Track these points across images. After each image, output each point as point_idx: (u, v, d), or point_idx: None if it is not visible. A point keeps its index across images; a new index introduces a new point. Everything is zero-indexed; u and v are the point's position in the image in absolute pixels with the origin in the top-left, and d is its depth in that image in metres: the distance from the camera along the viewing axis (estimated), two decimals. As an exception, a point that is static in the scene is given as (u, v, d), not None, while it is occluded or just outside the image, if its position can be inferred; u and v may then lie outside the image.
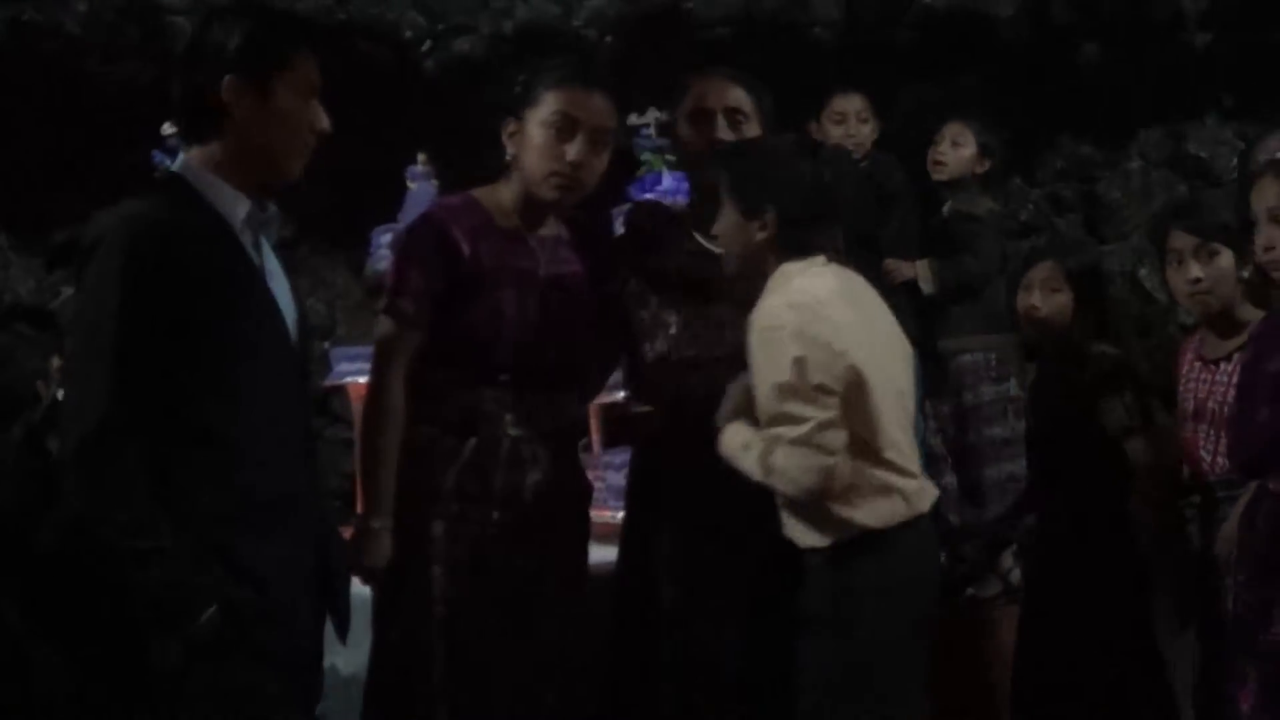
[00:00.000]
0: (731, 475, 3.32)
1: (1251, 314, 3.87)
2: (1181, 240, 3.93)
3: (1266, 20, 6.76)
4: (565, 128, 3.43)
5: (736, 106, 3.63)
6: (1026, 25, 6.88)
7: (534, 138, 3.44)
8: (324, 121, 2.94)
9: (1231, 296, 3.89)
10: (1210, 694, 3.87)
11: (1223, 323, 3.92)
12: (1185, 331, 5.04)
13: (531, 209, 3.52)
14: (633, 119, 4.55)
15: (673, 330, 3.60)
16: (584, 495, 3.65)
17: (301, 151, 2.93)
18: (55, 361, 5.65)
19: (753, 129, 3.63)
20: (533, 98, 3.46)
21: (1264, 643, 3.42)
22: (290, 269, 3.06)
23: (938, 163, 5.79)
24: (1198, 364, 4.00)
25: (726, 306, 3.52)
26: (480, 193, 3.55)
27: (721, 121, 3.60)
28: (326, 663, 3.61)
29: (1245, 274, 3.89)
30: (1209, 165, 6.85)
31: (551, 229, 3.57)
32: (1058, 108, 6.32)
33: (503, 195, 3.53)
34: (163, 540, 2.71)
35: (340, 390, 5.00)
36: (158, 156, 4.82)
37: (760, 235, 3.35)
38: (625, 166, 4.55)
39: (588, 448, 4.38)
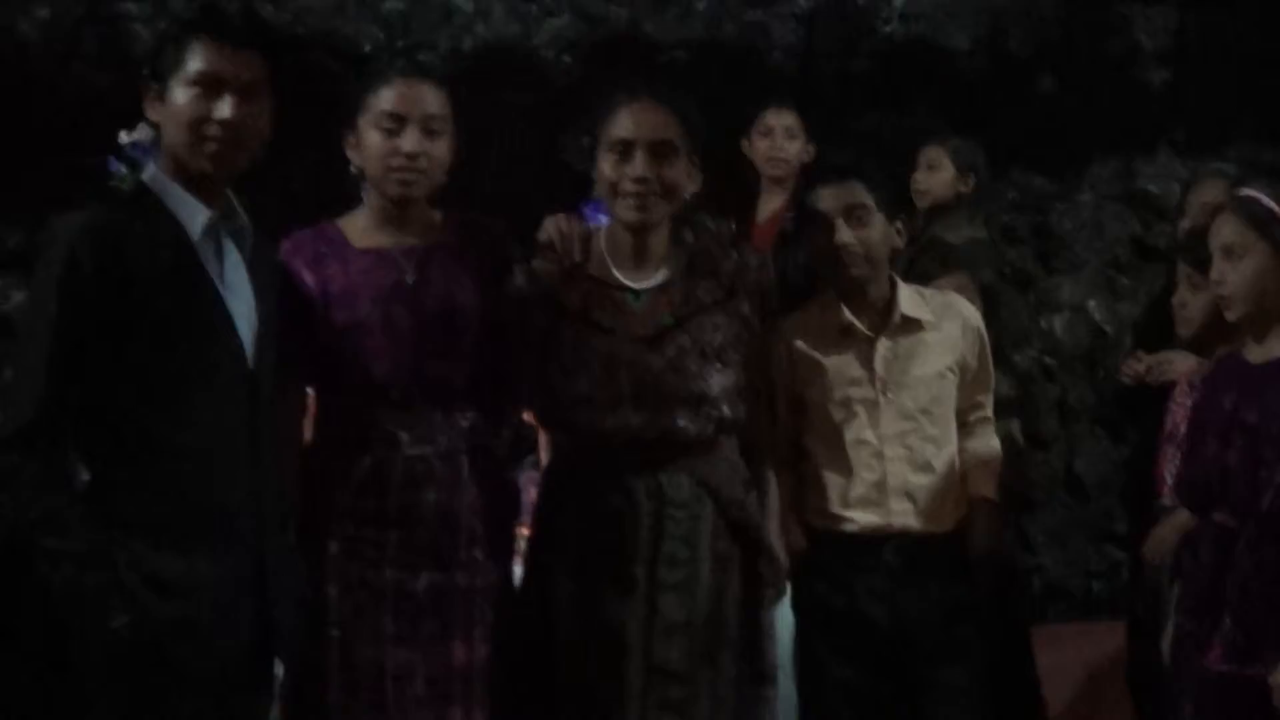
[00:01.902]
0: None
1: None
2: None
3: (1222, 57, 6.84)
4: (394, 125, 3.41)
5: (664, 139, 3.51)
6: (983, 57, 6.94)
7: (368, 141, 3.44)
8: (224, 110, 2.90)
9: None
10: None
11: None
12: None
13: (390, 218, 3.49)
14: (588, 141, 4.54)
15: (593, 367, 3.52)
16: (505, 513, 3.61)
17: (201, 144, 2.90)
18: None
19: (679, 162, 3.53)
20: (360, 105, 3.46)
21: (1202, 672, 3.46)
22: None
23: (918, 191, 5.75)
24: (1186, 386, 4.06)
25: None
26: (341, 220, 3.54)
27: (643, 158, 3.49)
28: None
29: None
30: (1160, 199, 6.91)
31: (428, 238, 3.52)
32: (1011, 139, 6.36)
33: (358, 216, 3.53)
34: (75, 542, 2.72)
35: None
36: (113, 164, 4.79)
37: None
38: (579, 185, 4.55)
39: (536, 464, 4.37)
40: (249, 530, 2.92)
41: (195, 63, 2.93)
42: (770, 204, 5.53)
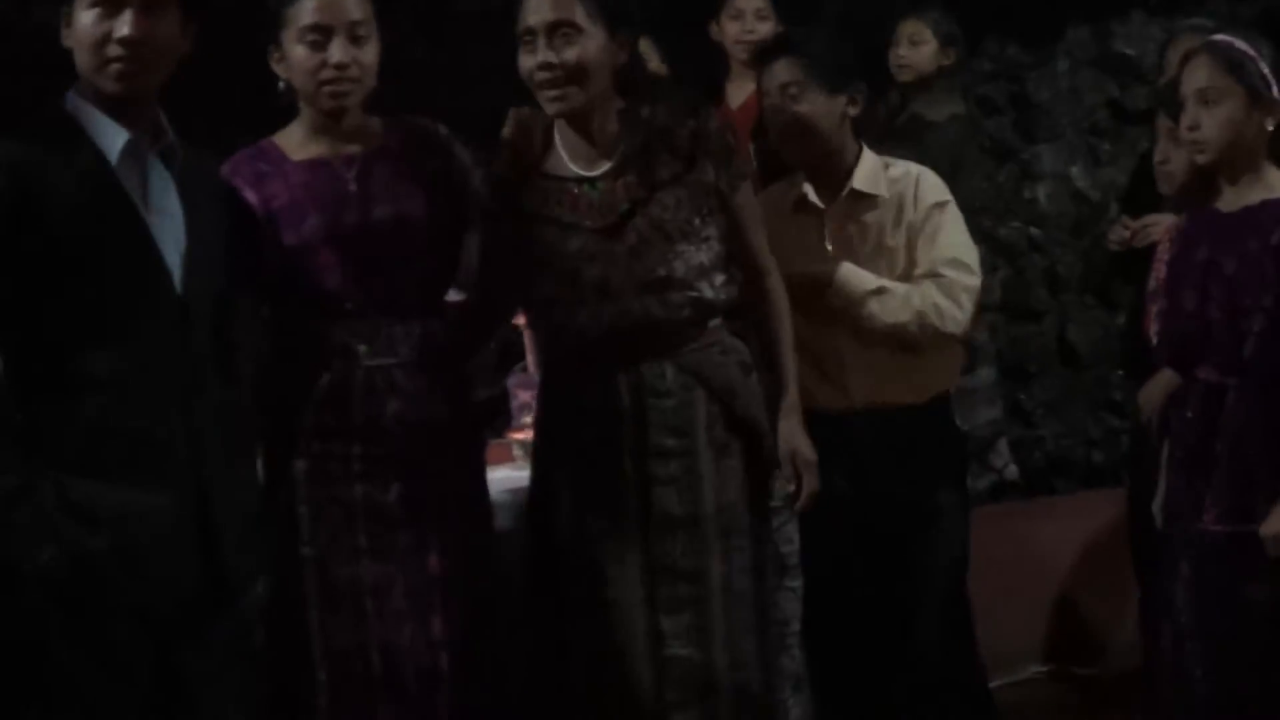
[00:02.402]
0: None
1: None
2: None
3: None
4: (319, 37, 3.34)
5: (560, 19, 3.35)
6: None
7: (294, 56, 3.37)
8: (123, 30, 2.81)
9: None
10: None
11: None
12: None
13: (326, 128, 3.44)
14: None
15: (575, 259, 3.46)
16: (473, 421, 3.62)
17: (105, 66, 2.83)
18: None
19: (589, 41, 3.36)
20: (280, 20, 3.38)
21: (1195, 532, 3.46)
22: None
23: (900, 65, 5.70)
24: (1167, 243, 4.01)
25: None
26: (276, 135, 3.49)
27: (543, 43, 3.36)
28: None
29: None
30: (1136, 62, 6.85)
31: (369, 144, 3.48)
32: (984, 9, 6.30)
33: (294, 129, 3.48)
34: (7, 480, 2.69)
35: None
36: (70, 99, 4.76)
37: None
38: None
39: (525, 368, 4.37)
40: (186, 460, 2.85)
41: None
42: (742, 89, 5.44)
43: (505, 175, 3.52)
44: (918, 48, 5.70)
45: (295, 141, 3.47)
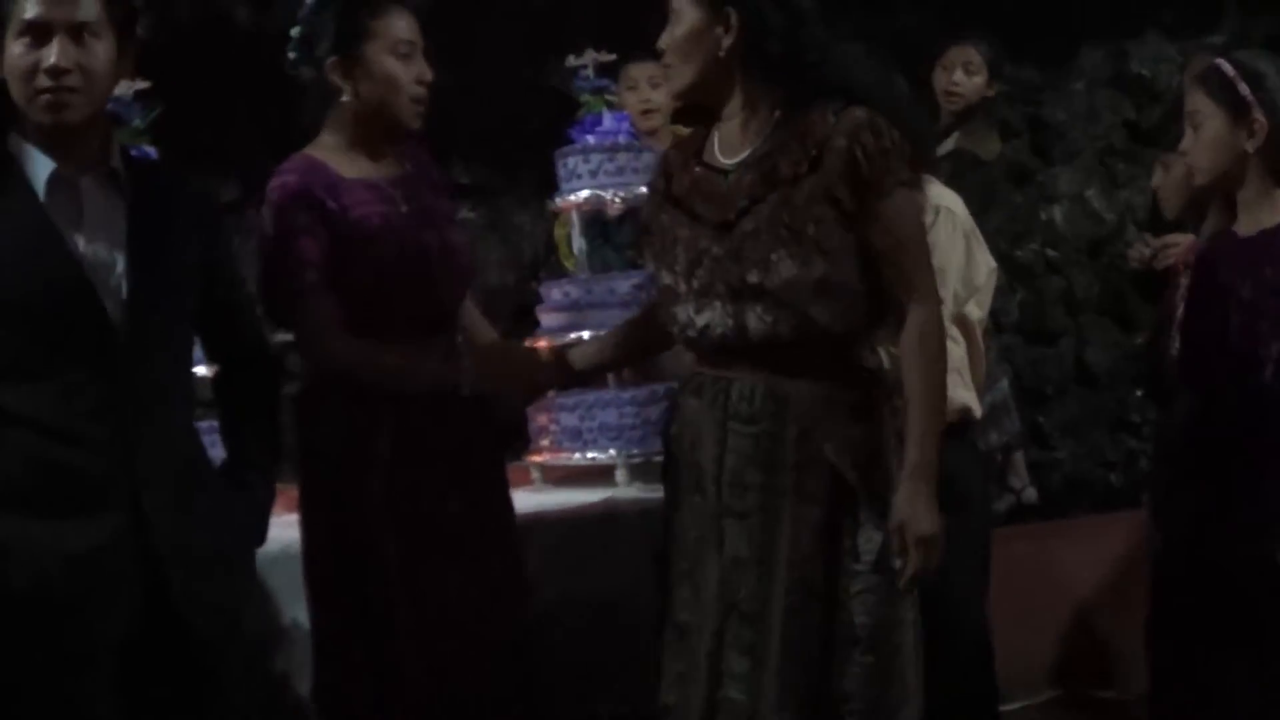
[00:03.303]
0: None
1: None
2: None
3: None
4: (409, 52, 3.36)
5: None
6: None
7: (383, 65, 3.35)
8: (50, 59, 2.73)
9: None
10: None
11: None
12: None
13: (369, 148, 3.43)
14: (571, 60, 4.53)
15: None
16: (499, 438, 3.61)
17: (35, 96, 2.76)
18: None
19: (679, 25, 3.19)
20: (366, 29, 3.35)
21: (1215, 554, 3.46)
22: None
23: (951, 94, 5.59)
24: (1182, 267, 4.02)
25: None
26: (311, 150, 3.42)
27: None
28: (289, 617, 3.64)
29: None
30: (1152, 83, 6.87)
31: (403, 167, 3.47)
32: (1000, 31, 6.30)
33: (332, 145, 3.42)
34: None
35: (295, 347, 4.98)
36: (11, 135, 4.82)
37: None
38: (565, 108, 4.54)
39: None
40: (121, 495, 2.75)
41: (23, 11, 2.77)
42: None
43: (671, 157, 3.35)
44: (971, 77, 5.60)
45: (341, 159, 3.41)
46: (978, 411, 4.12)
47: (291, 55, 3.46)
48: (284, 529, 3.76)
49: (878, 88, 3.11)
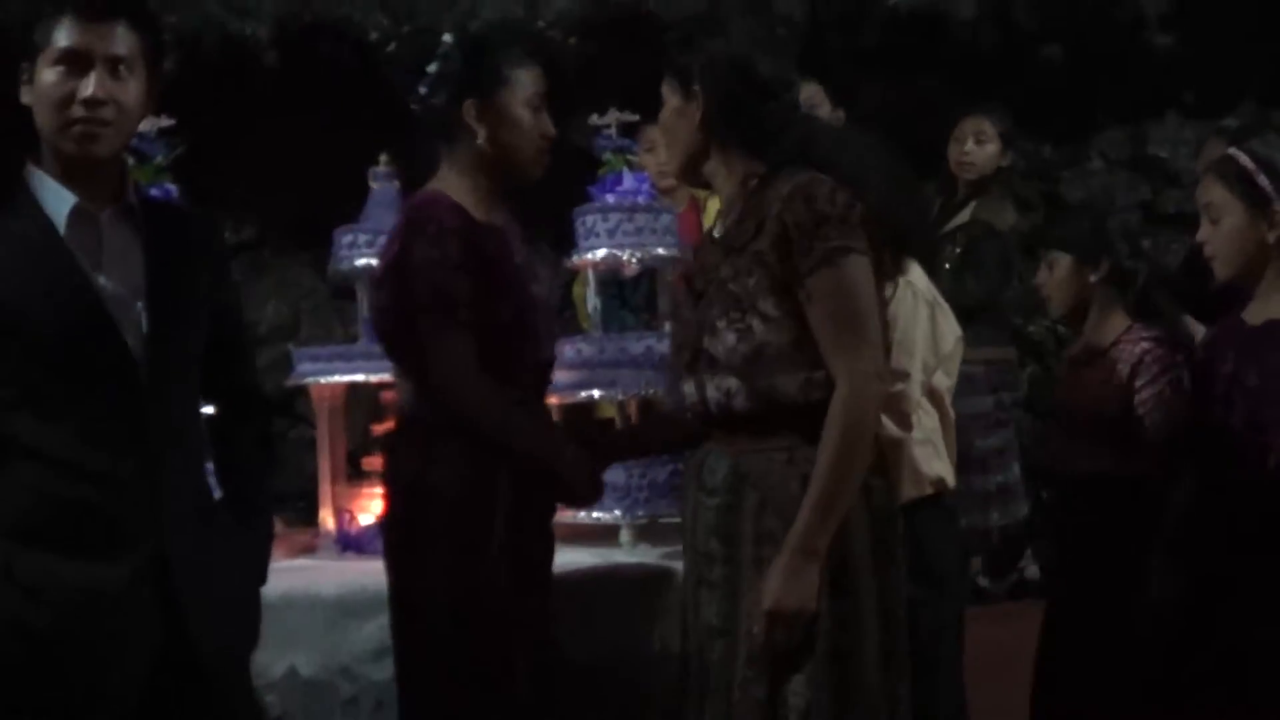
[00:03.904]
0: None
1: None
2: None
3: (1226, 19, 6.82)
4: (539, 105, 3.37)
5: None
6: (989, 27, 6.92)
7: (516, 114, 3.35)
8: (88, 90, 2.71)
9: None
10: None
11: None
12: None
13: (490, 193, 3.38)
14: (594, 119, 4.54)
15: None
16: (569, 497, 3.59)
17: (70, 128, 2.73)
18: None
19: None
20: (506, 77, 3.35)
21: (1220, 638, 3.47)
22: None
23: (964, 164, 5.65)
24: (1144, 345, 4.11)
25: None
26: (442, 188, 3.34)
27: None
28: (285, 664, 3.64)
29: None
30: (1169, 164, 6.90)
31: (502, 217, 3.44)
32: (1019, 108, 6.34)
33: (460, 186, 3.35)
34: None
35: (304, 391, 4.99)
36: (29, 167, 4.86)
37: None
38: (586, 166, 4.55)
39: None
40: (143, 534, 2.73)
41: (60, 39, 2.72)
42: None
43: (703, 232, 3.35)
44: (983, 146, 5.65)
45: (467, 200, 3.34)
46: (951, 481, 4.12)
47: (424, 90, 3.43)
48: (283, 575, 3.79)
49: (845, 157, 3.04)
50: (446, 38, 3.43)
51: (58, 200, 2.75)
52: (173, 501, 2.77)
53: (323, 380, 4.45)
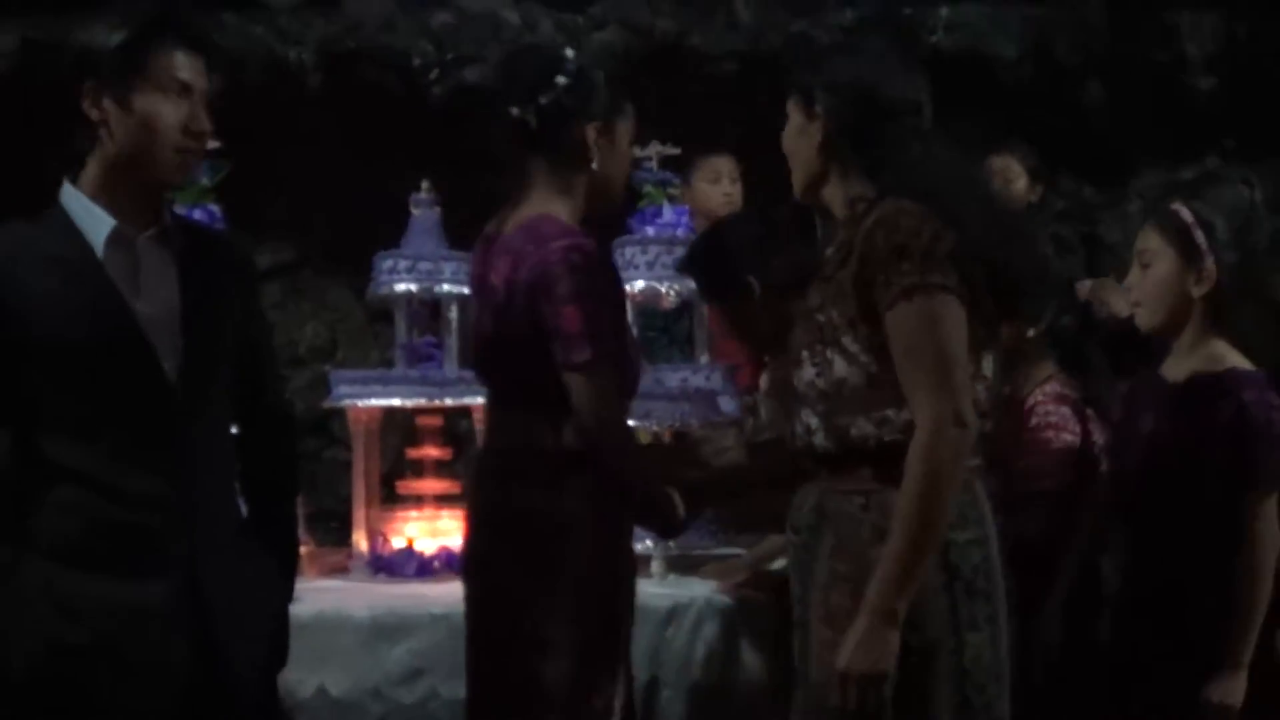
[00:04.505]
0: None
1: None
2: None
3: (1269, 63, 6.81)
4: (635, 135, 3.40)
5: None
6: (1030, 66, 6.93)
7: (624, 143, 3.35)
8: (201, 122, 2.78)
9: None
10: None
11: None
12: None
13: (589, 221, 3.33)
14: (635, 151, 4.56)
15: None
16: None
17: (175, 155, 2.78)
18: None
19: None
20: (622, 107, 3.33)
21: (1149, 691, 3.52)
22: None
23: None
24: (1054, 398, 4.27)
25: None
26: (555, 214, 3.23)
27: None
28: (314, 684, 3.66)
29: None
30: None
31: None
32: (1059, 149, 6.35)
33: (565, 210, 3.26)
34: None
35: (339, 412, 5.01)
36: (66, 188, 4.90)
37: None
38: (626, 198, 4.57)
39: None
40: (179, 554, 2.76)
41: (170, 68, 2.77)
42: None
43: None
44: (1010, 185, 5.66)
45: (574, 225, 3.26)
46: None
47: (545, 102, 3.23)
48: (315, 595, 3.81)
49: (949, 189, 2.92)
50: (569, 53, 3.33)
51: (95, 222, 2.77)
52: (205, 522, 2.80)
53: (360, 404, 4.48)
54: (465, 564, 3.36)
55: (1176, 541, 3.47)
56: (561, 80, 3.23)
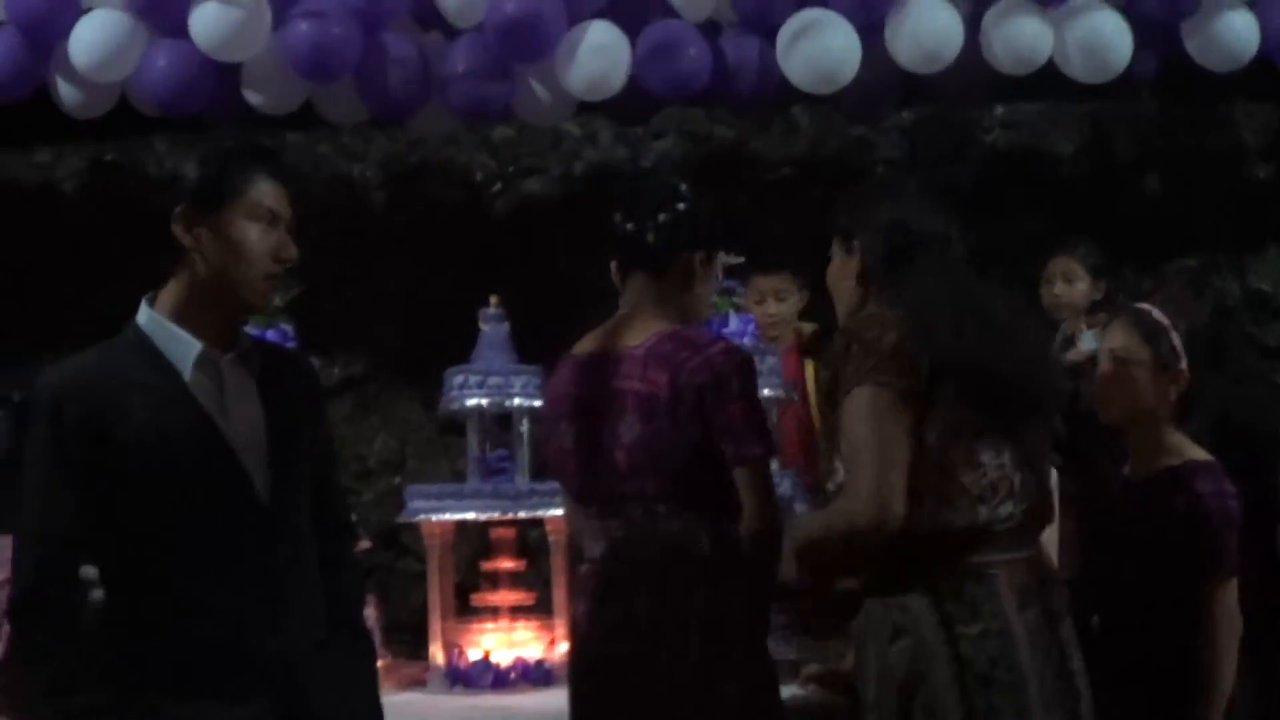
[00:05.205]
0: None
1: None
2: None
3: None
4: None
5: None
6: (1086, 161, 6.97)
7: (716, 273, 3.52)
8: (289, 250, 2.83)
9: None
10: None
11: None
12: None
13: None
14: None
15: None
16: None
17: (262, 281, 2.82)
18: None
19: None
20: (719, 238, 3.52)
21: None
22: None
23: (1058, 305, 5.69)
24: None
25: None
26: (675, 325, 3.40)
27: None
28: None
29: None
30: (1271, 297, 6.87)
31: None
32: (1119, 242, 6.37)
33: (671, 323, 3.42)
34: (84, 699, 2.66)
35: (410, 525, 5.06)
36: (143, 313, 5.00)
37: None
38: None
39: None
40: (277, 677, 2.77)
41: (262, 197, 2.83)
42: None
43: None
44: (1072, 285, 5.68)
45: None
46: None
47: (661, 220, 3.43)
48: (395, 709, 3.83)
49: (934, 300, 3.12)
50: (684, 187, 3.52)
51: (179, 345, 2.81)
52: (302, 639, 2.82)
53: (434, 518, 4.53)
54: (593, 670, 3.38)
55: (1141, 627, 3.51)
56: (680, 206, 3.43)
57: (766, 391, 4.32)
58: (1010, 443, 3.09)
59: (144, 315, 2.84)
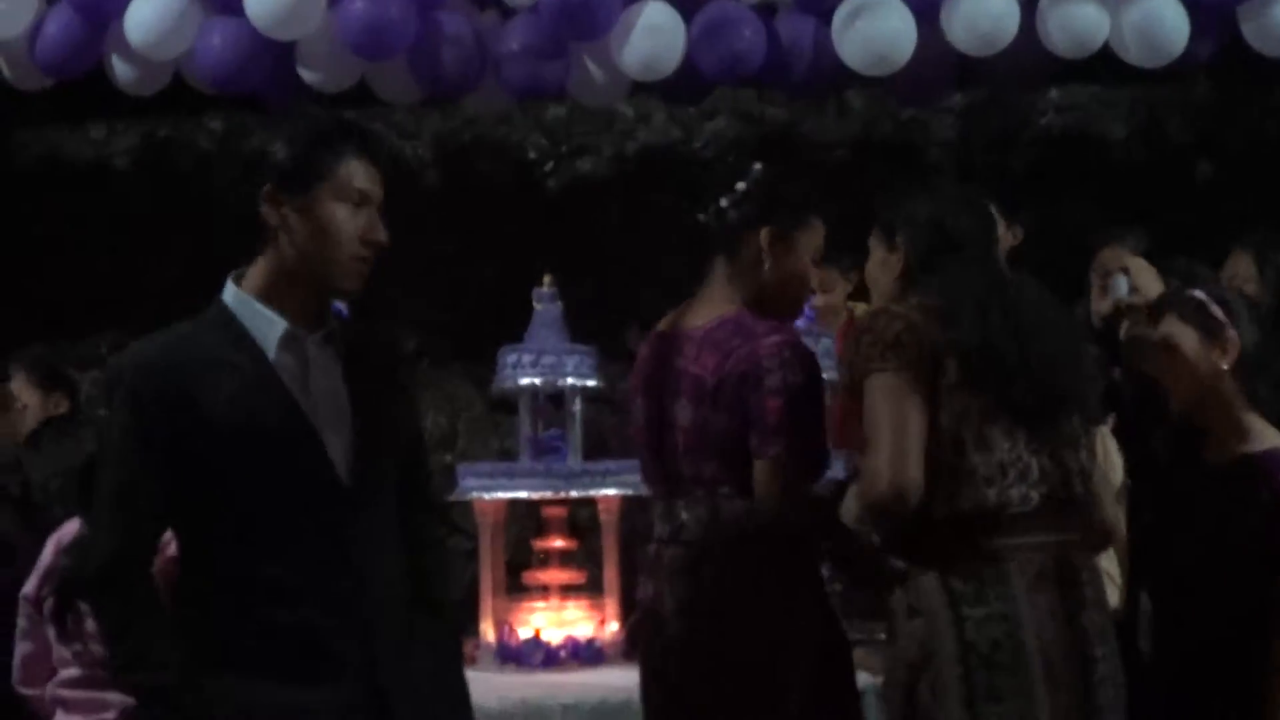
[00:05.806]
0: None
1: None
2: None
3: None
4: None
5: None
6: (1140, 145, 6.94)
7: (799, 255, 3.46)
8: (378, 232, 2.78)
9: None
10: None
11: None
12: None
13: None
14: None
15: None
16: None
17: (351, 263, 2.77)
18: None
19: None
20: (800, 218, 3.47)
21: None
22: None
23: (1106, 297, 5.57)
24: None
25: None
26: (731, 308, 3.42)
27: None
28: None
29: None
30: (1317, 295, 6.82)
31: None
32: (1173, 227, 6.33)
33: (735, 303, 3.43)
34: (162, 676, 2.66)
35: (461, 503, 5.08)
36: (229, 290, 5.03)
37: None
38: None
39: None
40: (357, 659, 2.74)
41: (351, 178, 2.78)
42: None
43: None
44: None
45: None
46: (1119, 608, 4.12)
47: (726, 204, 3.48)
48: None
49: (958, 293, 3.21)
50: (756, 166, 3.53)
51: (265, 324, 2.76)
52: (385, 625, 2.79)
53: (487, 496, 4.55)
54: (666, 651, 3.39)
55: (1209, 625, 3.46)
56: (742, 186, 3.45)
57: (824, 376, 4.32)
58: (1027, 429, 3.14)
59: (229, 293, 2.81)
